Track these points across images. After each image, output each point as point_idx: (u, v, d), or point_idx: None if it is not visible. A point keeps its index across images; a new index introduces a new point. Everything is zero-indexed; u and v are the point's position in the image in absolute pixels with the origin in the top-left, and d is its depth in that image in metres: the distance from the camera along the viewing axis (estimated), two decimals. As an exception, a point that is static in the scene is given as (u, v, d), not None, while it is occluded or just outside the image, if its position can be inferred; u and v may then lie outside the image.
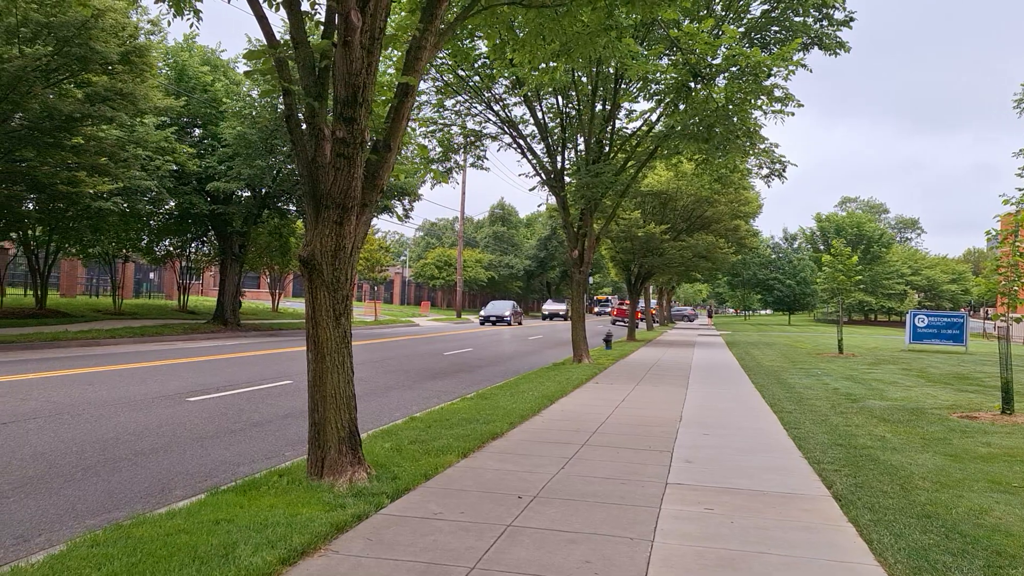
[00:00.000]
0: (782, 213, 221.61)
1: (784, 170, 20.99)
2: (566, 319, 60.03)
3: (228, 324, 30.82)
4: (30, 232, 27.41)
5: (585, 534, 5.45)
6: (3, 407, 10.44)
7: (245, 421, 10.23)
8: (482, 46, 17.13)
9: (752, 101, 16.64)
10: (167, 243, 34.84)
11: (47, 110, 18.85)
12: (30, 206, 25.82)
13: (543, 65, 9.60)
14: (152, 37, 23.11)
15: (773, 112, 16.96)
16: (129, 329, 25.06)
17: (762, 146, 19.72)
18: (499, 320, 51.34)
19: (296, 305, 50.70)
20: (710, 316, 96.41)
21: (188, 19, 7.77)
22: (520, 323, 54.40)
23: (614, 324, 64.09)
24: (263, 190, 30.36)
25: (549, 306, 70.06)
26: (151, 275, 47.99)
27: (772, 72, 16.28)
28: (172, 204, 29.26)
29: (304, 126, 6.76)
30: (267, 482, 6.43)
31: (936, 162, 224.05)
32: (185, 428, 9.55)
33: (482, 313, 52.91)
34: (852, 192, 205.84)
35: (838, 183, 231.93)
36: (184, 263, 37.37)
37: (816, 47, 17.91)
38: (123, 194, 25.61)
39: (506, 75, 18.38)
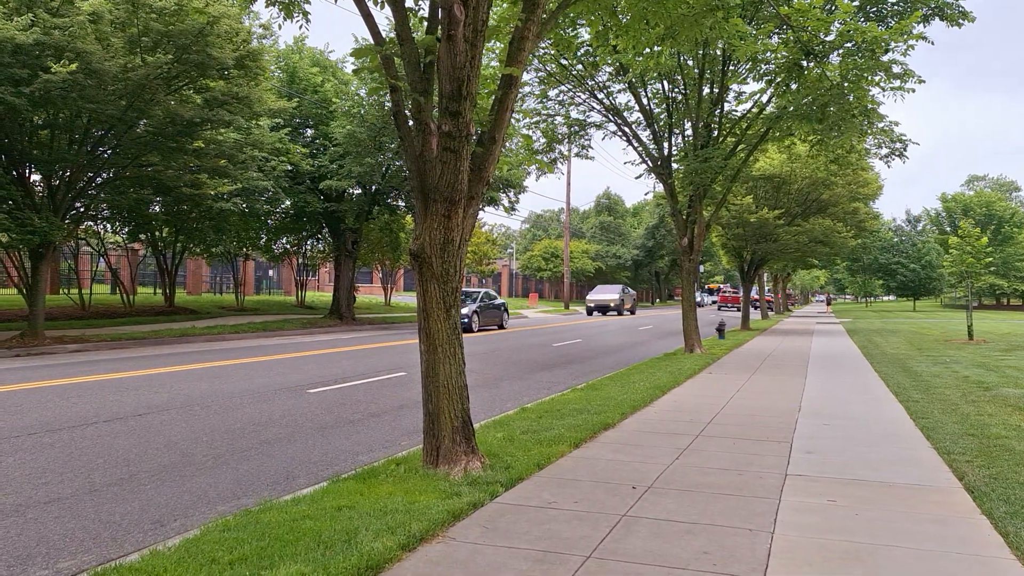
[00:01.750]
0: (907, 195, 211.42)
1: (905, 149, 20.01)
2: (620, 313, 48.38)
3: (343, 318, 31.86)
4: (157, 233, 29.07)
5: (702, 525, 5.34)
6: (138, 399, 11.13)
7: (363, 412, 10.54)
8: (584, 34, 16.99)
9: (868, 78, 15.88)
10: (284, 241, 36.32)
11: (169, 116, 19.89)
12: (157, 208, 27.41)
13: (647, 50, 9.43)
14: (264, 41, 24.04)
15: (892, 89, 16.14)
16: (251, 324, 26.28)
17: (880, 125, 18.82)
18: (605, 308, 47.14)
19: (407, 299, 51.87)
20: (828, 304, 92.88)
21: (298, 21, 8.03)
22: (632, 312, 50.03)
23: (719, 310, 62.63)
24: (373, 187, 31.19)
25: (596, 295, 50.51)
26: (270, 272, 50.10)
27: (890, 47, 15.48)
28: (288, 203, 30.45)
29: (411, 122, 6.88)
30: (385, 470, 6.60)
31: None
32: (306, 418, 9.92)
33: (588, 299, 49.12)
34: (982, 170, 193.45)
35: (969, 162, 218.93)
36: (300, 260, 38.84)
37: (937, 18, 16.89)
38: (242, 195, 26.84)
39: (609, 62, 18.17)
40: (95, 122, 20.00)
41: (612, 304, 47.26)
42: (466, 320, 28.07)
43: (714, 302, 79.01)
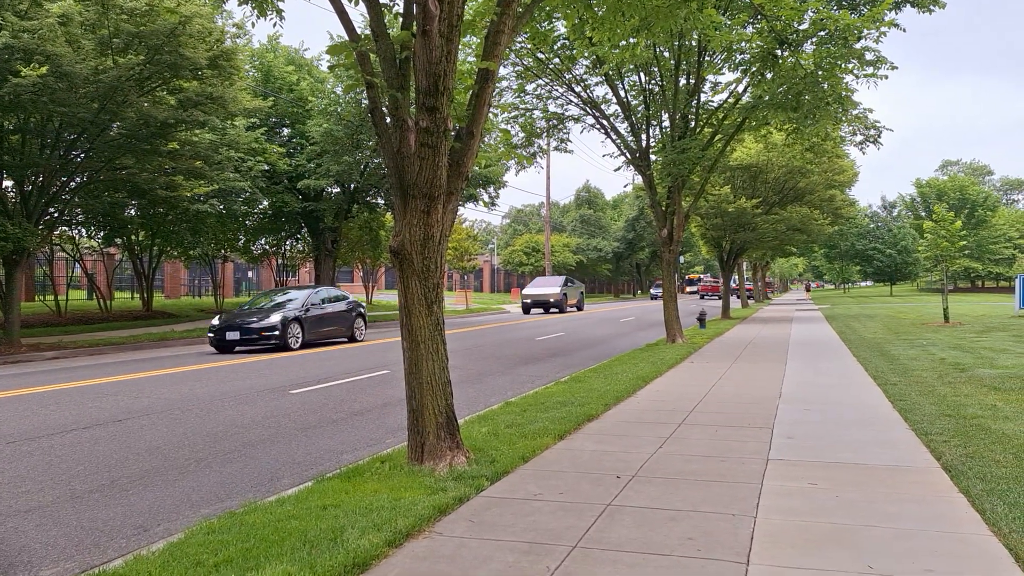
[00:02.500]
0: (882, 182, 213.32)
1: (879, 136, 20.17)
2: (561, 310, 40.00)
3: (325, 318, 31.73)
4: (133, 237, 28.80)
5: (686, 512, 5.39)
6: (117, 405, 11.04)
7: (346, 411, 10.52)
8: (560, 27, 17.01)
9: (842, 66, 16.01)
10: (263, 242, 36.16)
11: (143, 118, 19.70)
12: (132, 212, 27.13)
13: (623, 42, 9.44)
14: (238, 40, 23.87)
15: (865, 76, 16.29)
16: (233, 326, 26.08)
17: (854, 112, 18.97)
18: (545, 305, 39.05)
19: (389, 297, 51.74)
20: (807, 290, 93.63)
21: (271, 19, 7.97)
22: (579, 307, 42.82)
23: (702, 299, 63.36)
24: (352, 185, 31.10)
25: (532, 289, 41.02)
26: (249, 274, 49.86)
27: (862, 34, 15.63)
28: (266, 203, 30.31)
29: (388, 118, 6.86)
30: (370, 468, 6.59)
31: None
32: (289, 419, 9.89)
33: (524, 293, 40.63)
34: (950, 155, 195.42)
35: (943, 148, 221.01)
36: (280, 261, 38.68)
37: (909, 4, 17.05)
38: (219, 196, 26.64)
39: (586, 55, 18.19)
40: (67, 126, 19.78)
41: (552, 299, 39.03)
42: (275, 332, 19.52)
43: (695, 291, 79.93)
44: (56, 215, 23.06)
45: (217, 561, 4.47)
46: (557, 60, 19.43)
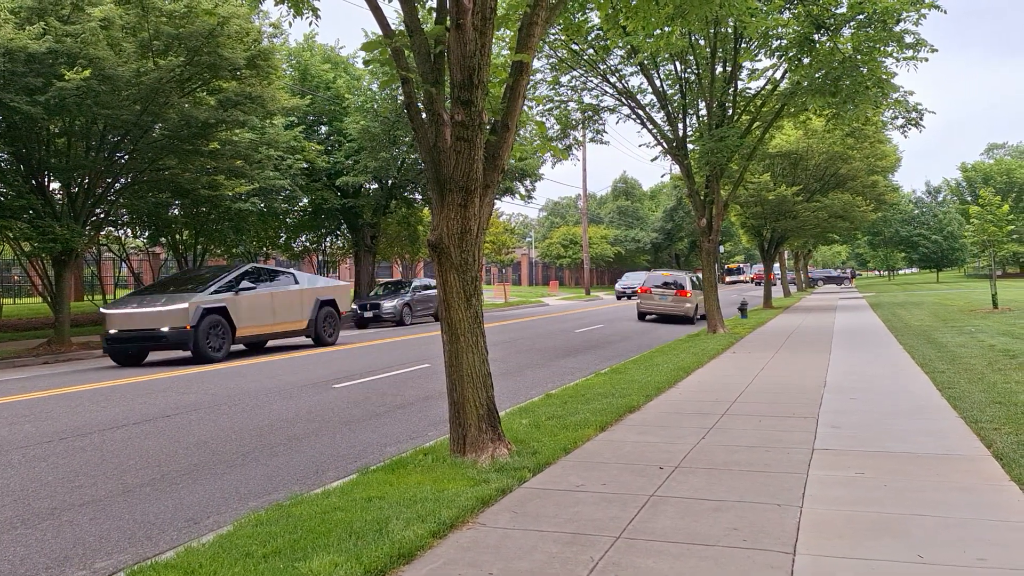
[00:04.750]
0: (928, 167, 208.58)
1: (921, 118, 19.75)
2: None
3: (365, 313, 32.01)
4: (178, 236, 29.27)
5: (730, 502, 5.35)
6: (166, 401, 11.27)
7: (389, 404, 10.61)
8: (594, 17, 16.92)
9: (881, 49, 15.72)
10: (304, 239, 36.50)
11: (184, 118, 20.00)
12: (176, 211, 27.57)
13: (658, 31, 9.36)
14: (275, 40, 24.11)
15: (905, 59, 16.00)
16: (275, 323, 26.42)
17: (895, 95, 18.61)
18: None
19: (427, 292, 51.84)
20: (852, 278, 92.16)
21: (307, 18, 8.06)
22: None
23: (758, 286, 62.87)
24: (389, 181, 31.28)
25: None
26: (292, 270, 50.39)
27: (901, 17, 15.32)
28: (305, 201, 30.59)
29: (424, 113, 6.89)
30: (413, 460, 6.65)
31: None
32: (333, 413, 10.01)
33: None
34: (998, 138, 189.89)
35: (990, 131, 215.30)
36: (321, 257, 39.04)
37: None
38: (260, 194, 26.95)
39: (620, 45, 18.09)
40: (111, 128, 20.17)
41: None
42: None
43: (736, 281, 79.53)
44: (102, 216, 23.57)
45: (266, 552, 4.55)
46: (591, 51, 19.35)
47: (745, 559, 4.32)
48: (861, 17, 15.31)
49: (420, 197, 33.83)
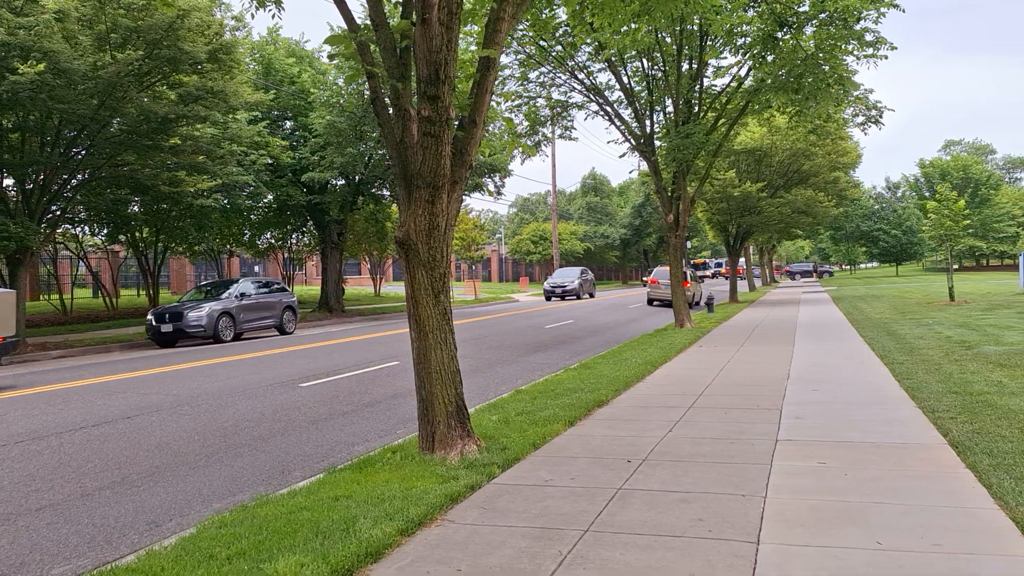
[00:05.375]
0: (888, 164, 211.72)
1: (881, 116, 20.07)
2: (579, 297, 43.27)
3: (333, 311, 31.79)
4: (138, 234, 28.75)
5: (696, 494, 5.40)
6: (127, 402, 11.09)
7: (356, 403, 10.54)
8: (561, 14, 16.94)
9: (842, 47, 15.97)
10: (268, 236, 36.08)
11: (143, 113, 19.63)
12: (135, 208, 27.04)
13: (624, 27, 9.41)
14: (237, 33, 23.70)
15: (865, 57, 16.28)
16: (240, 321, 26.11)
17: (856, 93, 18.90)
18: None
19: (397, 289, 51.72)
20: (815, 273, 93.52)
21: (270, 11, 7.95)
22: (592, 295, 45.48)
23: (726, 280, 63.63)
24: (356, 177, 31.03)
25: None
26: (256, 268, 49.89)
27: (862, 15, 15.57)
28: (270, 197, 30.19)
29: (390, 108, 6.85)
30: (381, 459, 6.61)
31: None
32: (300, 412, 9.92)
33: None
34: (955, 135, 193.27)
35: (949, 128, 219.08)
36: (286, 254, 38.65)
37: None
38: (223, 190, 26.55)
39: (588, 41, 18.13)
40: (67, 123, 19.75)
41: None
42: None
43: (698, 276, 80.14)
44: (58, 213, 23.05)
45: (230, 554, 4.50)
46: (559, 47, 19.36)
47: (711, 549, 4.37)
48: (823, 15, 15.52)
49: (388, 193, 33.59)
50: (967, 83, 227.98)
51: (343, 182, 31.85)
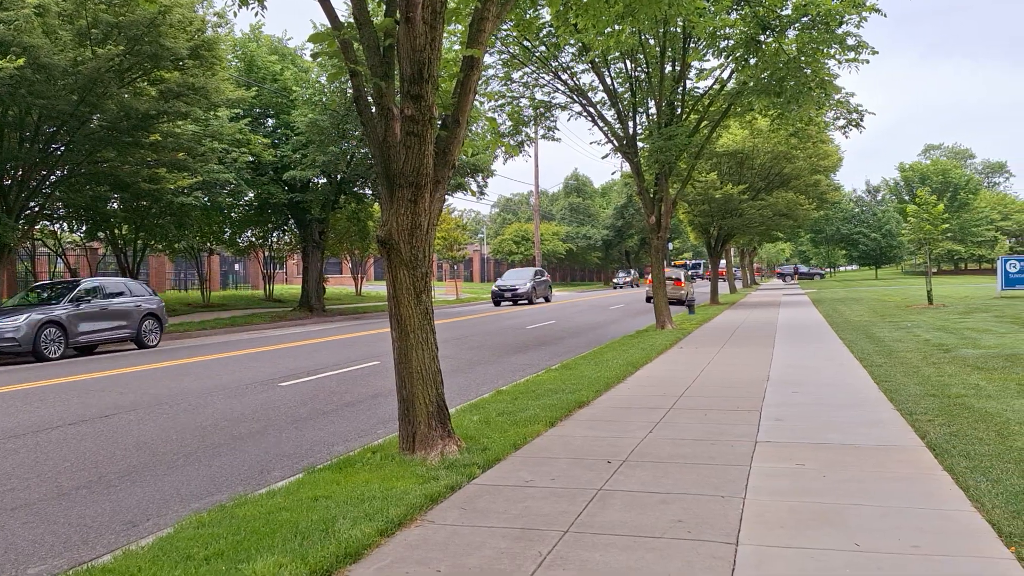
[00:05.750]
0: (869, 167, 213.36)
1: (862, 119, 20.24)
2: (531, 302, 38.13)
3: (313, 310, 31.64)
4: (117, 231, 28.47)
5: (676, 495, 5.42)
6: (104, 400, 10.98)
7: (337, 402, 10.50)
8: (545, 14, 16.96)
9: (824, 51, 16.10)
10: (249, 234, 35.86)
11: (124, 109, 19.47)
12: (115, 205, 26.80)
13: (608, 29, 9.42)
14: (220, 30, 23.59)
15: (847, 61, 16.41)
16: (219, 320, 26.01)
17: (837, 96, 19.05)
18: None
19: (378, 288, 51.56)
20: (795, 275, 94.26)
21: (253, 8, 7.89)
22: (547, 299, 40.84)
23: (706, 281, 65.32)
24: (338, 176, 30.90)
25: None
26: (236, 266, 49.54)
27: (844, 20, 15.71)
28: (251, 195, 30.04)
29: (373, 107, 6.82)
30: (361, 459, 6.59)
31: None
32: (279, 412, 9.86)
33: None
34: (936, 139, 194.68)
35: (941, 130, 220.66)
36: (267, 253, 38.43)
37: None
38: (203, 188, 26.37)
39: (572, 42, 18.18)
40: (46, 118, 19.55)
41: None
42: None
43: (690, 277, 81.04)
44: (37, 209, 22.82)
45: (208, 554, 4.46)
46: (543, 48, 19.39)
47: (690, 550, 4.39)
48: (805, 19, 15.65)
49: (370, 192, 33.49)
50: (956, 85, 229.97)
51: (325, 181, 31.70)
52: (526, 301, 37.95)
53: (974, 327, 17.40)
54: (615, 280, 73.45)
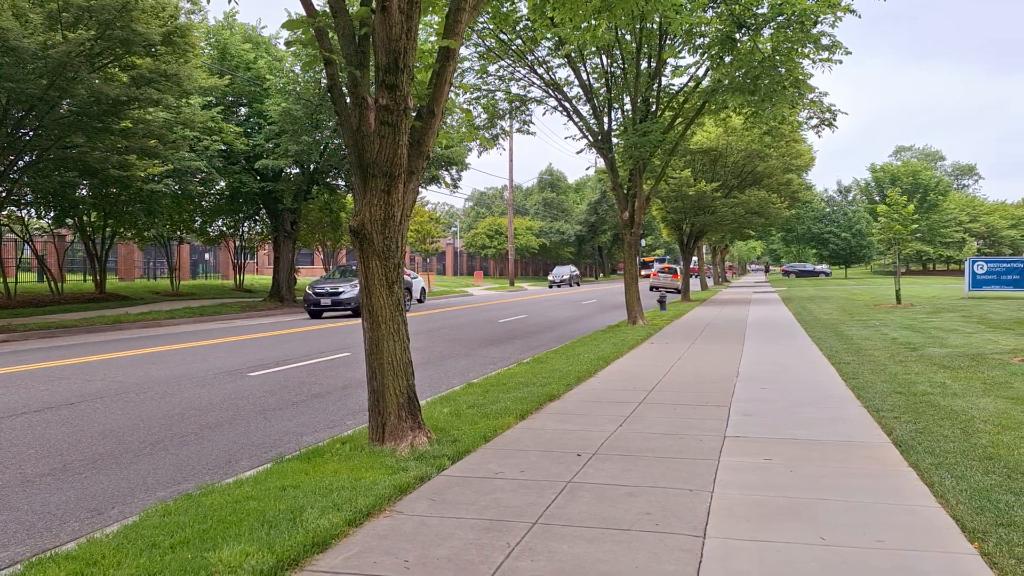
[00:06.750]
0: (842, 168, 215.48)
1: (835, 119, 20.44)
2: (571, 285, 60.61)
3: (284, 301, 31.39)
4: (85, 218, 28.07)
5: (644, 488, 5.46)
6: (70, 388, 10.82)
7: (306, 393, 10.44)
8: (523, 7, 16.94)
9: (799, 50, 16.23)
10: (220, 223, 35.45)
11: (94, 95, 19.19)
12: (84, 192, 26.42)
13: (585, 23, 9.43)
14: (193, 16, 23.31)
15: (821, 60, 16.55)
16: (188, 309, 25.71)
17: (810, 96, 19.22)
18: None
19: (349, 279, 51.17)
20: (766, 272, 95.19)
21: (228, -5, 7.80)
22: (579, 285, 62.96)
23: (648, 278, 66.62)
24: (311, 166, 30.67)
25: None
26: (206, 256, 49.00)
27: (819, 19, 15.84)
28: (223, 184, 29.69)
29: (347, 96, 6.77)
30: (330, 449, 6.56)
31: (1014, 103, 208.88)
32: (248, 402, 9.79)
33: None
34: (910, 141, 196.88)
35: (909, 132, 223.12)
36: (238, 243, 38.03)
37: (864, -11, 17.28)
38: (174, 176, 26.07)
39: (548, 36, 18.15)
40: (14, 102, 19.20)
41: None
42: None
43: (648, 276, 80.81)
44: (4, 195, 22.43)
45: (173, 543, 4.42)
46: (519, 41, 19.35)
47: (657, 542, 4.42)
48: (781, 18, 15.75)
49: (343, 183, 33.26)
50: (932, 87, 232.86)
51: (297, 171, 31.45)
52: (348, 310, 25.40)
53: (941, 326, 17.68)
54: (551, 278, 63.85)
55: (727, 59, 17.00)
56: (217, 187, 30.46)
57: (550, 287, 58.46)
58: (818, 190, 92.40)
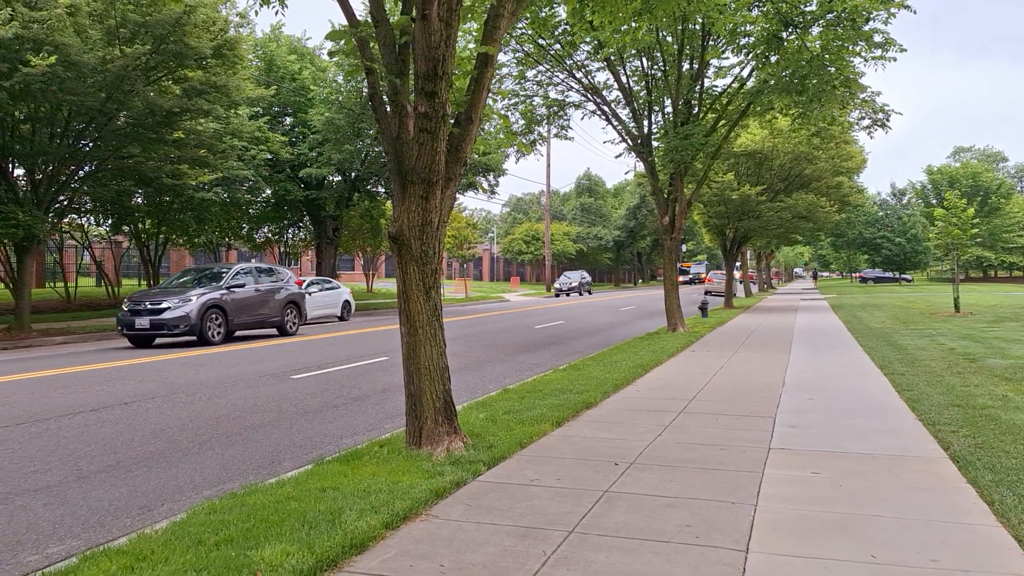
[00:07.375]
0: (896, 169, 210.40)
1: (888, 119, 19.93)
2: (580, 294, 55.94)
3: (328, 305, 31.73)
4: (140, 225, 28.86)
5: (684, 499, 5.37)
6: (123, 389, 11.10)
7: (346, 396, 10.54)
8: (561, 12, 16.90)
9: (849, 48, 15.79)
10: (266, 230, 36.17)
11: (149, 107, 19.77)
12: (139, 200, 27.23)
13: (625, 26, 9.37)
14: (242, 30, 23.83)
15: (873, 59, 16.08)
16: (236, 314, 26.08)
17: (862, 96, 18.74)
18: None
19: (389, 285, 51.71)
20: (814, 279, 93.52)
21: (274, 7, 7.94)
22: (590, 292, 58.26)
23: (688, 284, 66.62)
24: (353, 174, 31.08)
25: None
26: (253, 261, 49.83)
27: (871, 16, 15.42)
28: (268, 192, 30.28)
29: (387, 104, 6.83)
30: (369, 452, 6.61)
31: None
32: (291, 404, 9.92)
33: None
34: (969, 141, 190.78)
35: (961, 133, 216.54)
36: (282, 248, 38.68)
37: (919, -15, 16.84)
38: (223, 184, 26.67)
39: (587, 40, 18.04)
40: (75, 115, 19.88)
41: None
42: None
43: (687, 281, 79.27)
44: (65, 203, 23.24)
45: (218, 540, 4.51)
46: (558, 46, 19.30)
47: (697, 555, 4.33)
48: (830, 16, 15.32)
49: (383, 190, 33.66)
50: (991, 84, 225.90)
51: (340, 178, 31.90)
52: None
53: (1002, 336, 16.90)
54: (556, 285, 56.92)
55: (773, 59, 16.63)
56: (263, 195, 31.06)
57: (556, 296, 53.12)
58: (870, 193, 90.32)
